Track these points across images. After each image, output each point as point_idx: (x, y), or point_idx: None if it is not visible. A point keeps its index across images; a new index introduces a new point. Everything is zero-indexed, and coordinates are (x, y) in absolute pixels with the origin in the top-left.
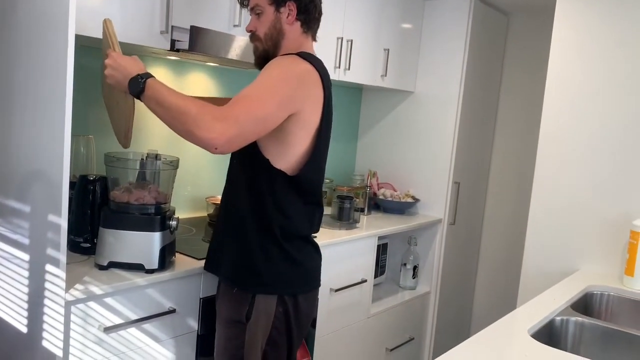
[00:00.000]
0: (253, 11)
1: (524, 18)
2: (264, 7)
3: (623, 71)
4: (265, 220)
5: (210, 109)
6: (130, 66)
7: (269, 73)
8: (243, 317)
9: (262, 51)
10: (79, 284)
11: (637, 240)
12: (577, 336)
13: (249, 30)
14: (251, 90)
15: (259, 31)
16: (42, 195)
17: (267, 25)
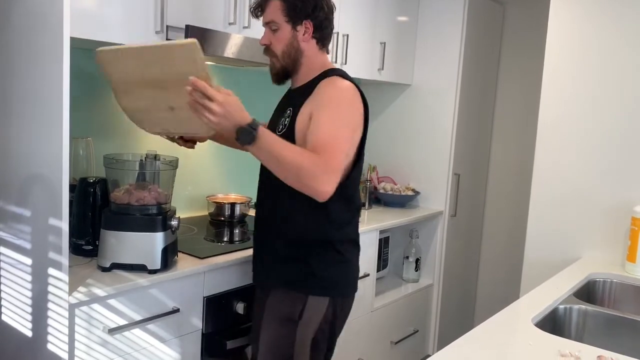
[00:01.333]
0: (268, 26)
1: (520, 7)
2: (280, 23)
3: (621, 57)
4: (324, 229)
5: (316, 161)
6: (238, 114)
7: (337, 105)
8: (296, 316)
9: (280, 68)
10: (82, 287)
11: (638, 226)
12: (581, 324)
13: (264, 44)
14: (333, 130)
15: (275, 47)
16: (43, 199)
17: (284, 43)
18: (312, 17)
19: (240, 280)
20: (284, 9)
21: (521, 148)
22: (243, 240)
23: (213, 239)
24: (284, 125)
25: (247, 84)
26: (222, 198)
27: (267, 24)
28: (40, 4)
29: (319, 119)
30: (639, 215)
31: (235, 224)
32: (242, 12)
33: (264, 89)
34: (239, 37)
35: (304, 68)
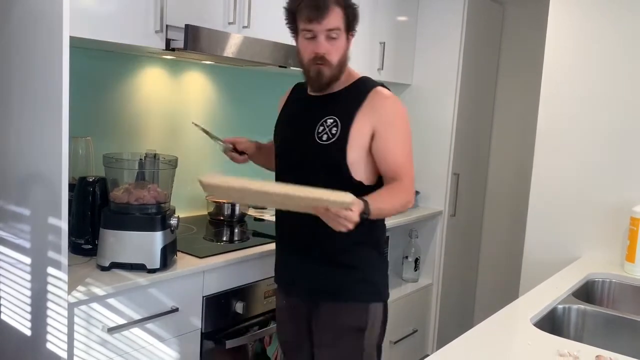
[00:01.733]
0: (328, 33)
1: (519, 7)
2: (340, 31)
3: (620, 57)
4: (370, 230)
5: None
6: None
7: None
8: (363, 325)
9: (331, 77)
10: (81, 286)
11: (637, 226)
12: (580, 324)
13: (321, 54)
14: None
15: (332, 57)
16: (42, 198)
17: (340, 52)
18: (356, 26)
19: (240, 279)
20: (344, 18)
21: (520, 148)
22: (242, 239)
23: (212, 238)
24: (331, 135)
25: (245, 83)
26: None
27: (329, 31)
28: (39, 3)
29: (392, 141)
30: (638, 215)
31: (234, 224)
32: (242, 12)
33: (263, 88)
34: (239, 36)
35: (343, 76)
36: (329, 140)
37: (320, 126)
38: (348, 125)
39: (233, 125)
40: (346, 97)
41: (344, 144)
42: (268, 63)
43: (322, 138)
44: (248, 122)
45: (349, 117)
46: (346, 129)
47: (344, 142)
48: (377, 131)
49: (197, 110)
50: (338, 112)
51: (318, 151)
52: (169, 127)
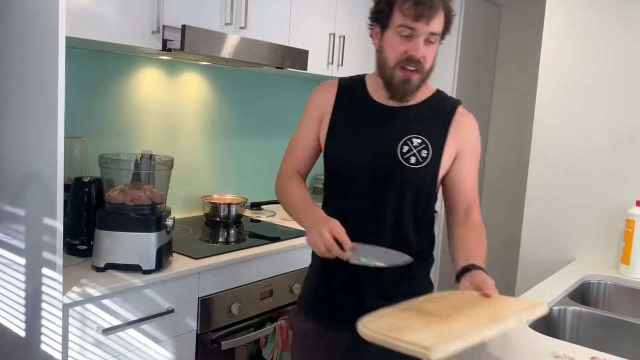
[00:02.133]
0: (428, 37)
1: (516, 9)
2: (437, 38)
3: (616, 58)
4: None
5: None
6: None
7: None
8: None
9: (418, 85)
10: (76, 287)
11: (632, 228)
12: (575, 325)
13: (417, 57)
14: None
15: (427, 64)
16: (37, 199)
17: (432, 60)
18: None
19: (236, 280)
20: (443, 23)
21: (517, 149)
22: (238, 241)
23: (208, 239)
24: (421, 158)
25: (242, 84)
26: (218, 198)
27: (431, 35)
28: (36, 3)
29: (471, 169)
30: (633, 218)
31: (230, 225)
32: (239, 13)
33: (259, 89)
34: (236, 37)
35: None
36: (418, 164)
37: (404, 145)
38: (440, 150)
39: (229, 126)
40: (429, 114)
41: (437, 170)
42: (265, 64)
43: (409, 160)
44: (244, 123)
45: (440, 140)
46: (438, 153)
47: (436, 168)
48: (459, 156)
49: (193, 111)
50: (425, 131)
51: (407, 175)
52: (165, 127)
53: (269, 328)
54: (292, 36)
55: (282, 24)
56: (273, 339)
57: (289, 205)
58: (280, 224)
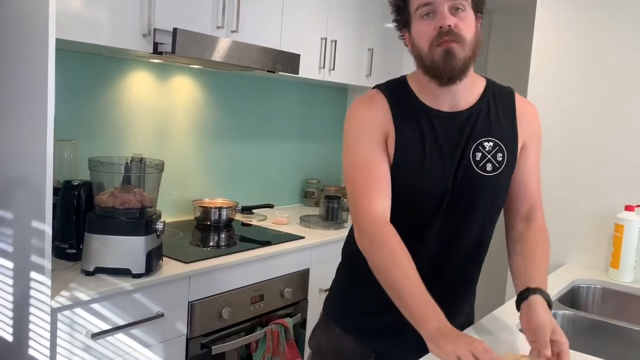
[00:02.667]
0: (453, 4)
1: (506, 15)
2: (466, 6)
3: (605, 65)
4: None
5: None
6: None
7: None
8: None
9: (464, 59)
10: (65, 291)
11: (621, 233)
12: (565, 329)
13: (447, 26)
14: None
15: (463, 31)
16: (26, 202)
17: (472, 29)
18: (482, 14)
19: (226, 285)
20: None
21: None
22: (229, 245)
23: (199, 243)
24: (497, 163)
25: (234, 87)
26: (209, 202)
27: (452, 5)
28: (26, 6)
29: (535, 162)
30: (621, 222)
31: (221, 229)
32: (230, 16)
33: (251, 93)
34: (227, 40)
35: (470, 74)
36: (495, 170)
37: (476, 152)
38: (514, 148)
39: (220, 130)
40: (494, 110)
41: (512, 172)
42: (256, 68)
43: (485, 168)
44: (236, 126)
45: (513, 137)
46: (513, 153)
47: (512, 169)
48: (524, 149)
49: (184, 115)
50: (495, 131)
51: (484, 184)
52: (155, 131)
53: (259, 332)
54: (284, 40)
55: (274, 27)
56: (264, 344)
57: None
58: (271, 228)
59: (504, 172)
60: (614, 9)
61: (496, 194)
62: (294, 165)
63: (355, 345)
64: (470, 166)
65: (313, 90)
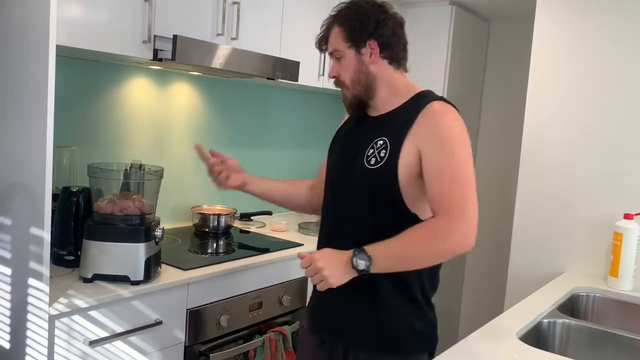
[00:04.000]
0: (333, 56)
1: (505, 24)
2: (343, 50)
3: (604, 72)
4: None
5: (447, 227)
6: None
7: (454, 145)
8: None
9: (352, 98)
10: (63, 298)
11: (620, 241)
12: (565, 338)
13: (332, 77)
14: (459, 176)
15: (344, 77)
16: (24, 208)
17: (351, 70)
18: (375, 35)
19: (225, 292)
20: (344, 35)
21: (505, 162)
22: (228, 252)
23: (197, 250)
24: (379, 158)
25: (233, 94)
26: (207, 209)
27: (332, 55)
28: (26, 12)
29: (438, 166)
30: (620, 231)
31: (220, 236)
32: (230, 23)
33: (250, 100)
34: (227, 47)
35: (383, 92)
36: (377, 164)
37: (370, 149)
38: (398, 147)
39: (220, 137)
40: (400, 116)
41: (394, 168)
42: (256, 75)
43: (370, 162)
44: (235, 133)
45: (399, 137)
46: (395, 151)
47: (393, 166)
48: (422, 153)
49: (183, 121)
50: (388, 132)
51: (365, 177)
52: (155, 137)
53: (258, 340)
54: (284, 47)
55: (274, 35)
56: (262, 351)
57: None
58: (269, 235)
59: (383, 168)
60: (613, 16)
61: (378, 187)
62: (293, 172)
63: (309, 336)
64: (362, 160)
65: (312, 97)
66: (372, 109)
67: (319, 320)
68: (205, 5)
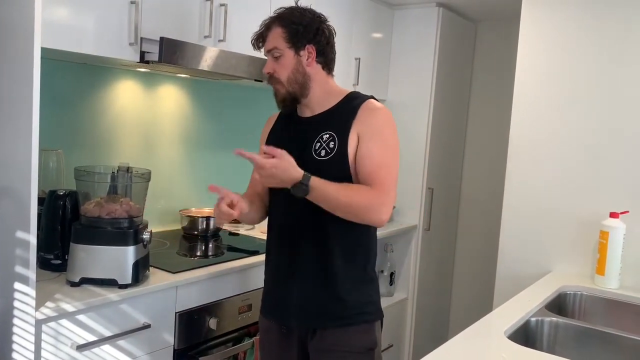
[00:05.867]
0: (270, 54)
1: (491, 26)
2: (282, 50)
3: (589, 75)
4: (368, 248)
5: (371, 195)
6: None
7: (387, 134)
8: (374, 344)
9: (286, 94)
10: (50, 302)
11: (606, 239)
12: (552, 336)
13: (267, 73)
14: (385, 159)
15: (280, 74)
16: (10, 212)
17: (289, 69)
18: (314, 41)
19: (214, 295)
20: (286, 35)
21: (493, 163)
22: (217, 254)
23: (186, 253)
24: (329, 149)
25: (221, 96)
26: (196, 212)
27: (269, 52)
28: (11, 14)
29: (370, 149)
30: (606, 229)
31: (209, 238)
32: (218, 25)
33: (238, 102)
34: (214, 49)
35: (317, 93)
36: (327, 155)
37: (317, 143)
38: (345, 138)
39: (208, 140)
40: (340, 112)
41: (344, 157)
42: (243, 77)
43: (320, 154)
44: (223, 135)
45: (344, 130)
46: (344, 142)
47: (343, 155)
48: (361, 138)
49: (171, 124)
50: (332, 127)
51: (318, 168)
52: (142, 140)
53: (247, 343)
54: None
55: None
56: (252, 354)
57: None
58: (259, 237)
59: (335, 158)
60: (598, 17)
61: (332, 176)
62: None
63: (267, 323)
64: (310, 154)
65: None
66: (305, 108)
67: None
68: (192, 7)
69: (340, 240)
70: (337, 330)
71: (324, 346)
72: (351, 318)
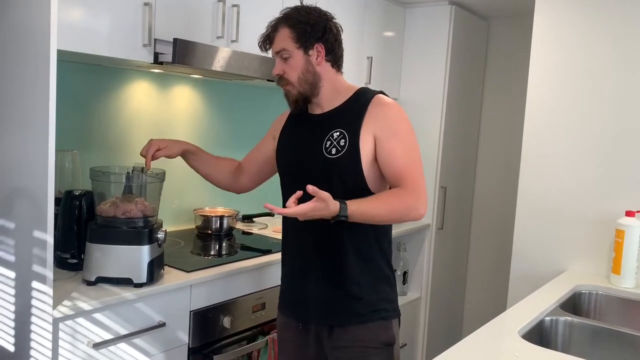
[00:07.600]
0: (279, 55)
1: (504, 23)
2: (291, 51)
3: (604, 72)
4: (383, 246)
5: (405, 196)
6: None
7: (405, 130)
8: (392, 340)
9: (297, 95)
10: (67, 300)
11: (622, 238)
12: (567, 335)
13: (277, 74)
14: (411, 156)
15: (290, 75)
16: (27, 212)
17: (299, 69)
18: (322, 40)
19: (228, 294)
20: (294, 36)
21: (507, 161)
22: (230, 253)
23: (200, 252)
24: (340, 147)
25: (234, 96)
26: (210, 211)
27: (278, 53)
28: (27, 16)
29: (393, 149)
30: (622, 228)
31: (222, 238)
32: (230, 26)
33: (250, 102)
34: (227, 50)
35: (327, 91)
36: (338, 153)
37: (327, 141)
38: (356, 136)
39: (220, 139)
40: (349, 110)
41: (356, 155)
42: (256, 77)
43: (331, 152)
44: (236, 135)
45: (355, 127)
46: (355, 139)
47: (355, 153)
48: (379, 138)
49: (184, 124)
50: (343, 124)
51: (329, 166)
52: None
53: (261, 341)
54: None
55: None
56: (265, 352)
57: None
58: (272, 237)
59: (346, 156)
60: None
61: (344, 173)
62: None
63: (285, 319)
64: (321, 152)
65: None
66: (315, 106)
67: (300, 309)
68: (205, 8)
69: (355, 239)
70: (354, 327)
71: (341, 343)
72: (368, 315)
